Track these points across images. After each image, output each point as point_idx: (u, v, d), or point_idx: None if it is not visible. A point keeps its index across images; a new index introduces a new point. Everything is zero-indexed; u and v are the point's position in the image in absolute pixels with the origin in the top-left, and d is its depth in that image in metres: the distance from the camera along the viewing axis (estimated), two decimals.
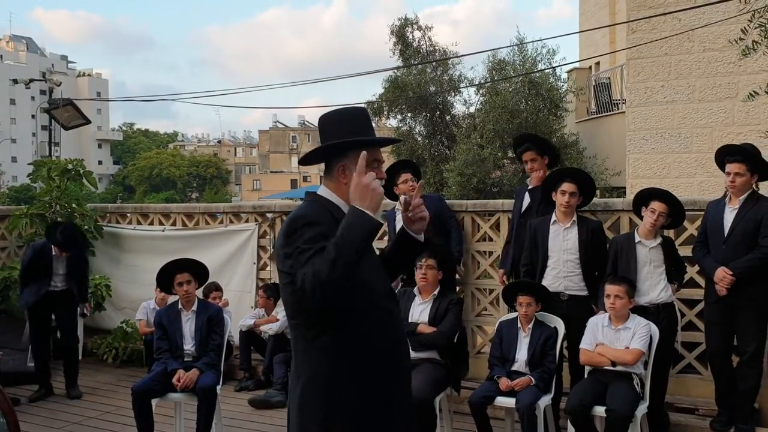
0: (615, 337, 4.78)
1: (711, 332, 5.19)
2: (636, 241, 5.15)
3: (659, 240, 5.14)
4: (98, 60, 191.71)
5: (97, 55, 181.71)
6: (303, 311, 2.56)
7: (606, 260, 5.32)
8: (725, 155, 5.05)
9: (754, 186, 5.00)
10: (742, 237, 4.91)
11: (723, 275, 4.90)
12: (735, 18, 6.43)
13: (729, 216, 5.01)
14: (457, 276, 6.44)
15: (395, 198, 6.15)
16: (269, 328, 6.77)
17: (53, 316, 6.72)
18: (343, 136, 2.66)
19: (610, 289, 4.81)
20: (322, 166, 2.76)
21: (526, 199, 5.91)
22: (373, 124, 2.91)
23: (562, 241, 5.33)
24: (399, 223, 5.93)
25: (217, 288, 6.91)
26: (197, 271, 5.60)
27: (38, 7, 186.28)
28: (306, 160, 2.84)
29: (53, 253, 6.59)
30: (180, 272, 5.48)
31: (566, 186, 5.32)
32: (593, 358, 4.81)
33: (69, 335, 6.71)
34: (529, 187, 5.91)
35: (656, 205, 5.06)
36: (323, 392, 2.58)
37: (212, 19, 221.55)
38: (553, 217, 5.41)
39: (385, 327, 2.66)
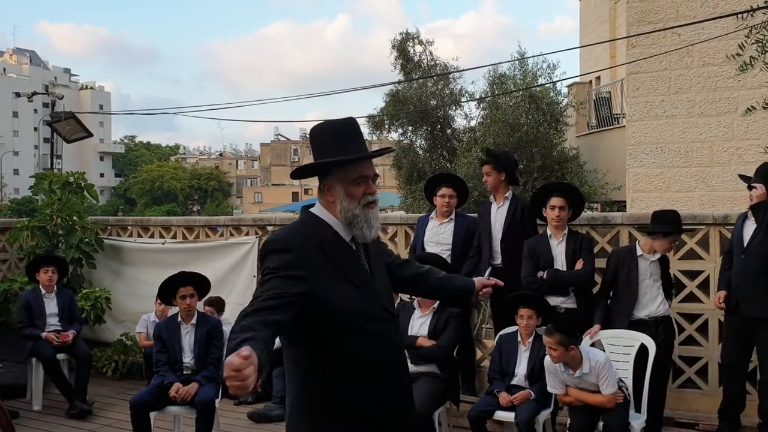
0: (577, 383, 4.60)
1: (728, 344, 5.20)
2: (638, 254, 5.16)
3: (658, 255, 5.16)
4: (103, 73, 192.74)
5: (101, 68, 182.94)
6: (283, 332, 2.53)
7: (604, 273, 5.35)
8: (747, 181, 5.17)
9: None
10: (759, 246, 4.96)
11: (715, 301, 5.13)
12: (734, 33, 6.46)
13: (749, 228, 5.09)
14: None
15: (433, 205, 6.27)
16: None
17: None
18: (331, 149, 2.59)
19: (544, 339, 4.57)
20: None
21: (497, 216, 6.00)
22: (375, 137, 2.92)
23: (558, 255, 5.38)
24: (429, 231, 6.03)
25: (212, 303, 6.84)
26: (200, 284, 5.62)
27: (43, 20, 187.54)
28: (297, 175, 2.81)
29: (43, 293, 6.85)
30: (184, 285, 5.49)
31: (555, 201, 5.38)
32: (572, 402, 4.65)
33: (81, 351, 6.76)
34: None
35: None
36: (305, 416, 2.57)
37: (216, 33, 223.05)
38: (548, 232, 5.47)
39: (373, 352, 2.56)
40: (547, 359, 4.64)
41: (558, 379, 4.66)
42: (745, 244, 5.06)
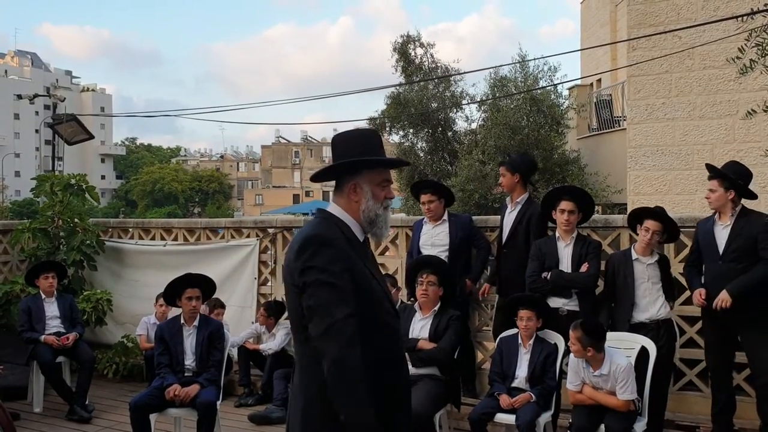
0: (596, 382, 4.66)
1: (710, 350, 5.18)
2: (633, 258, 5.17)
3: (656, 257, 5.16)
4: (105, 75, 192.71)
5: (104, 70, 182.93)
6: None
7: (604, 277, 5.35)
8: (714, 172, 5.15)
9: (730, 199, 4.99)
10: (739, 252, 4.92)
11: (697, 297, 5.03)
12: (734, 36, 6.47)
13: (722, 233, 5.02)
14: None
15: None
16: (269, 348, 6.76)
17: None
18: (356, 155, 2.71)
19: (570, 333, 4.64)
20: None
21: (507, 219, 6.01)
22: None
23: (564, 258, 5.38)
24: (424, 235, 6.07)
25: (222, 305, 6.92)
26: (207, 287, 5.64)
27: (46, 22, 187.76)
28: (318, 177, 2.87)
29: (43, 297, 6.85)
30: (191, 287, 5.50)
31: (565, 204, 5.37)
32: (584, 401, 4.69)
33: (84, 354, 6.75)
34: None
35: (650, 224, 5.11)
36: (328, 407, 2.57)
37: (219, 35, 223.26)
38: (557, 234, 5.47)
39: (390, 344, 2.70)
40: (572, 354, 4.70)
41: (577, 376, 4.70)
42: (721, 249, 5.00)
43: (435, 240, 6.11)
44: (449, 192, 6.37)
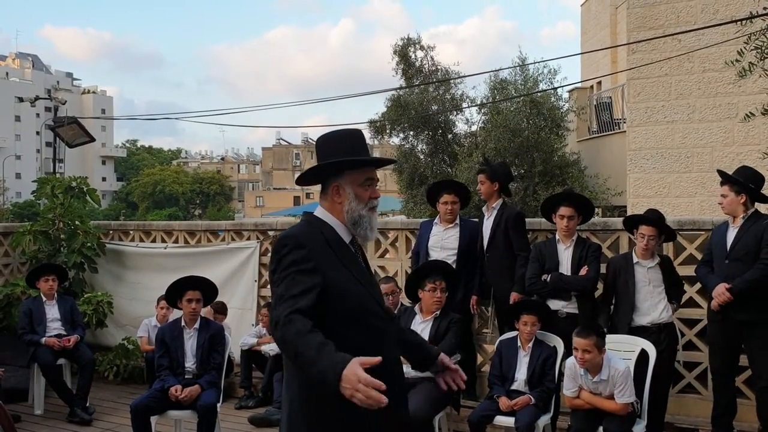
0: (594, 388, 4.66)
1: (714, 352, 5.18)
2: (634, 261, 5.19)
3: (657, 260, 5.18)
4: (106, 77, 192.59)
5: (105, 72, 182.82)
6: None
7: (604, 280, 5.37)
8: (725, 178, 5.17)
9: (741, 203, 5.02)
10: (744, 253, 4.95)
11: (722, 291, 4.92)
12: (734, 40, 6.49)
13: (731, 234, 5.08)
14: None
15: (436, 211, 6.32)
16: (271, 349, 6.77)
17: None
18: (338, 156, 2.71)
19: (577, 342, 4.58)
20: None
21: (485, 226, 6.02)
22: (376, 142, 2.99)
23: (564, 261, 5.42)
24: (434, 237, 6.04)
25: (219, 311, 6.92)
26: (208, 290, 5.66)
27: (48, 24, 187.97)
28: (303, 180, 2.88)
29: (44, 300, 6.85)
30: (192, 289, 5.52)
31: (563, 210, 5.42)
32: (582, 406, 4.70)
33: (85, 357, 6.75)
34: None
35: (644, 230, 5.15)
36: (310, 404, 2.61)
37: (220, 38, 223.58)
38: (557, 237, 5.50)
39: (374, 347, 2.64)
40: (570, 361, 4.69)
41: (574, 382, 4.71)
42: (728, 249, 5.04)
43: (444, 243, 6.11)
44: (468, 196, 6.39)
